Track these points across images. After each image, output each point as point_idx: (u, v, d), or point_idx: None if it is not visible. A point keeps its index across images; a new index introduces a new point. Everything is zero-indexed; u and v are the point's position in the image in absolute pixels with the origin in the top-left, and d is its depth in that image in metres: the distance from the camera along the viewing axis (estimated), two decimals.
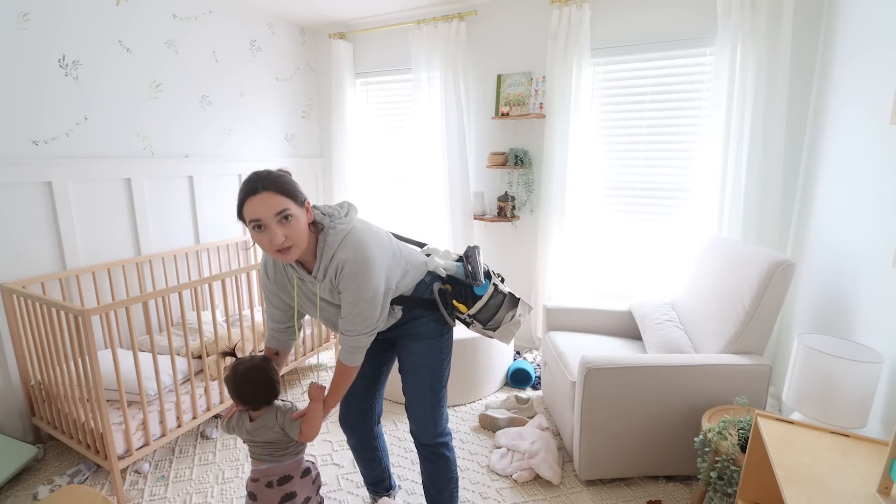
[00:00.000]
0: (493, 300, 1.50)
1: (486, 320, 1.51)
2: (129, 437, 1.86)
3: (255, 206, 1.15)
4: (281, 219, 1.16)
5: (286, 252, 1.19)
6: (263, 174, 1.19)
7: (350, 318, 1.30)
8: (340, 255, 1.25)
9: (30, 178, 2.13)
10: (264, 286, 1.44)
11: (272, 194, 1.16)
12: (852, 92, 1.86)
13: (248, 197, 1.16)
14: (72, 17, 2.25)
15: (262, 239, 1.18)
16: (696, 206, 2.54)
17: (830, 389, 1.34)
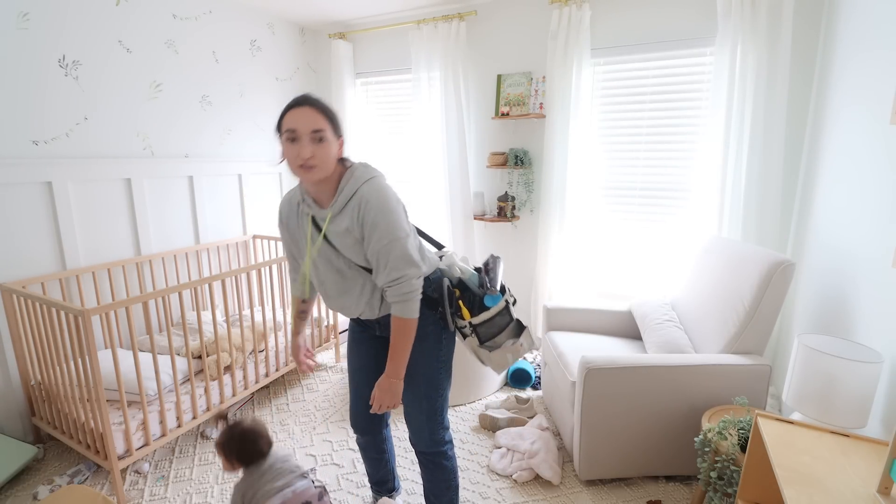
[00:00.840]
0: (499, 317, 1.43)
1: (485, 337, 1.43)
2: (129, 437, 1.86)
3: (295, 117, 1.18)
4: (315, 137, 1.18)
5: (309, 170, 1.19)
6: (312, 96, 1.22)
7: (394, 262, 1.24)
8: (364, 190, 1.24)
9: (30, 178, 2.13)
10: (281, 234, 1.47)
11: (314, 111, 1.19)
12: (852, 92, 1.86)
13: (291, 108, 1.19)
14: (72, 17, 2.25)
15: (291, 151, 1.19)
16: (696, 206, 2.54)
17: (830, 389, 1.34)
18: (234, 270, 2.25)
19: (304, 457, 2.16)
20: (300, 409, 2.55)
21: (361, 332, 1.55)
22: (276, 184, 3.51)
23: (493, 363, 1.47)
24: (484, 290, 1.42)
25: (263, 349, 2.54)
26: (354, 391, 1.60)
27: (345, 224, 1.26)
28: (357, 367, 1.57)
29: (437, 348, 1.43)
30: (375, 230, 1.23)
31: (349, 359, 1.59)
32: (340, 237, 1.28)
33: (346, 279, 1.34)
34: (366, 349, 1.55)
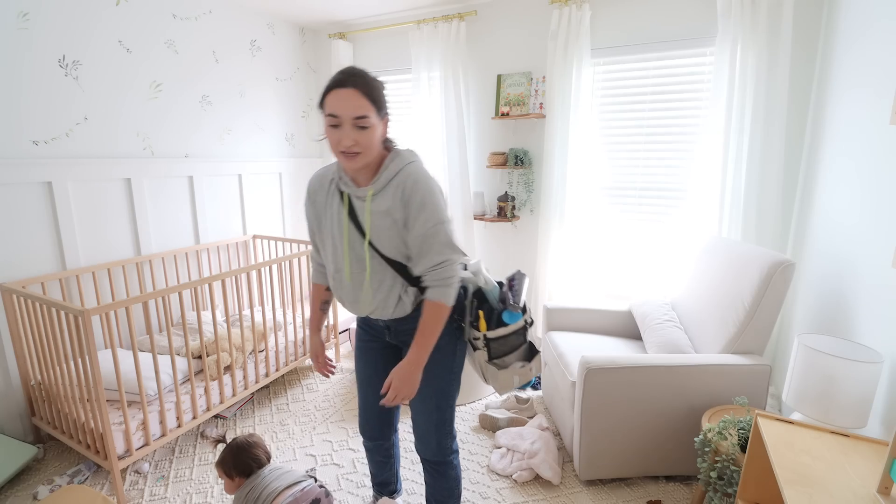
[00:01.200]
0: (514, 336, 1.37)
1: (496, 354, 1.37)
2: (129, 437, 1.86)
3: (338, 101, 1.11)
4: (358, 124, 1.12)
5: (352, 157, 1.15)
6: (358, 70, 1.14)
7: (438, 246, 1.20)
8: (410, 170, 1.21)
9: (30, 178, 2.13)
10: (306, 212, 1.40)
11: (358, 94, 1.12)
12: (852, 92, 1.86)
13: (333, 88, 1.12)
14: (72, 17, 2.25)
15: (332, 136, 1.15)
16: (696, 206, 2.53)
17: (830, 389, 1.34)
18: (234, 270, 2.25)
19: (304, 457, 2.16)
20: (300, 409, 2.55)
21: (369, 340, 1.50)
22: (276, 184, 3.51)
23: (497, 383, 1.39)
24: (504, 305, 1.36)
25: (263, 349, 2.54)
26: (363, 400, 1.56)
27: (386, 204, 1.21)
28: (365, 378, 1.53)
29: (450, 360, 1.39)
30: (423, 211, 1.18)
31: (357, 367, 1.55)
32: (378, 218, 1.22)
33: (365, 270, 1.28)
34: (373, 359, 1.50)
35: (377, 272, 1.27)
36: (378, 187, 1.21)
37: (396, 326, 1.38)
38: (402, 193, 1.20)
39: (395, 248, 1.25)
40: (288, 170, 3.59)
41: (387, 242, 1.24)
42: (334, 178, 1.31)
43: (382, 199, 1.22)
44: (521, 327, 1.38)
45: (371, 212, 1.23)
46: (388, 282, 1.27)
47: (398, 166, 1.22)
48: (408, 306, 1.30)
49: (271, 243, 3.36)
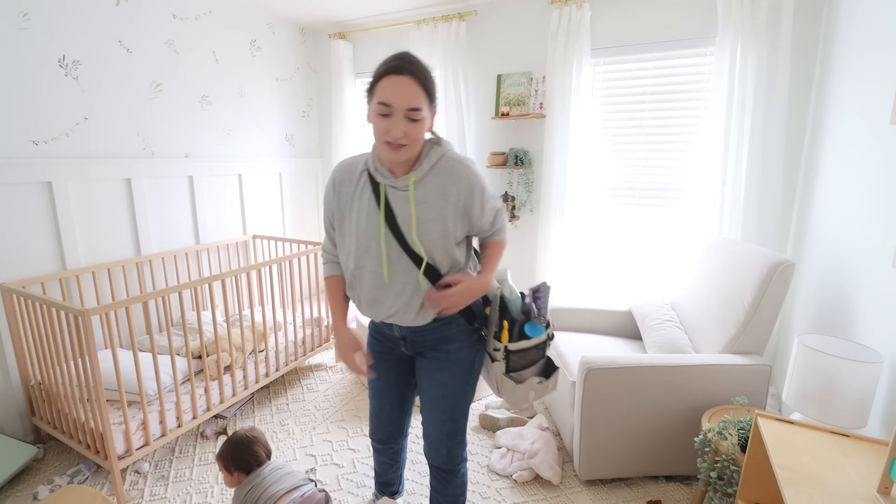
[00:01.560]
0: (535, 350, 1.31)
1: (514, 367, 1.30)
2: (129, 437, 1.86)
3: (392, 88, 1.05)
4: (410, 116, 1.07)
5: (398, 149, 1.10)
6: (413, 57, 1.08)
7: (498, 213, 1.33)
8: (455, 156, 1.20)
9: (30, 178, 2.13)
10: (326, 203, 1.31)
11: (414, 83, 1.06)
12: (852, 92, 1.86)
13: (389, 74, 1.06)
14: (72, 17, 2.25)
15: (381, 125, 1.08)
16: (696, 206, 2.53)
17: (830, 389, 1.34)
18: (234, 270, 2.25)
19: (304, 457, 2.16)
20: (300, 409, 2.55)
21: (382, 352, 1.44)
22: (276, 184, 3.51)
23: (513, 397, 1.33)
24: (527, 316, 1.29)
25: (263, 349, 2.54)
26: (376, 408, 1.53)
27: (437, 191, 1.17)
28: (377, 388, 1.49)
29: (468, 373, 1.35)
30: (483, 195, 1.23)
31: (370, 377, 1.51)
32: (425, 207, 1.17)
33: (392, 268, 1.22)
34: (386, 370, 1.46)
35: (403, 273, 1.22)
36: (420, 174, 1.16)
37: (413, 337, 1.33)
38: (457, 182, 1.17)
39: (437, 239, 1.19)
40: (288, 170, 3.59)
41: (430, 234, 1.18)
42: (365, 168, 1.23)
43: (428, 187, 1.17)
44: (542, 342, 1.32)
45: (416, 200, 1.17)
46: (412, 284, 1.22)
47: (439, 153, 1.18)
48: (429, 315, 1.25)
49: (271, 243, 3.36)
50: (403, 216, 1.19)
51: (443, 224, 1.19)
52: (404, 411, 1.54)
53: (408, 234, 1.19)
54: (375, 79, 1.09)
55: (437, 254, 1.21)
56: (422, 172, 1.17)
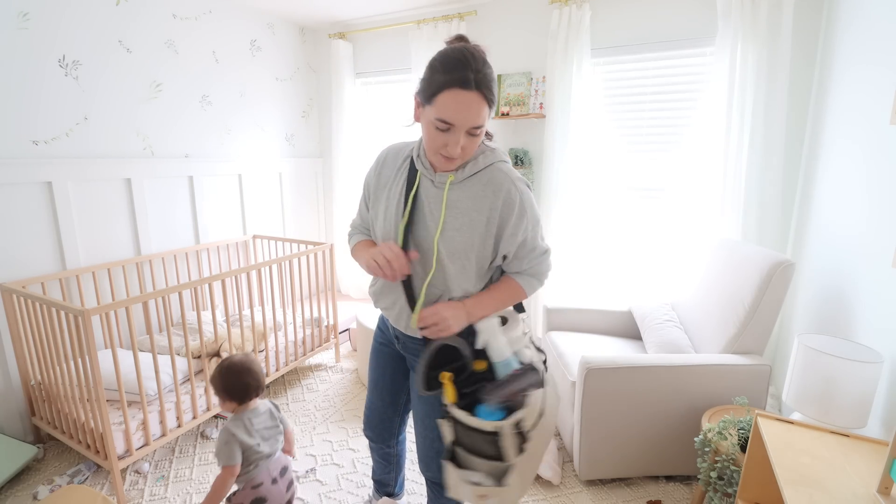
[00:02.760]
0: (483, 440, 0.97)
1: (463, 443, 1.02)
2: (129, 437, 1.86)
3: (457, 107, 0.94)
4: (471, 132, 0.99)
5: (451, 161, 1.03)
6: (479, 61, 0.97)
7: (540, 249, 1.14)
8: (504, 168, 1.09)
9: (30, 178, 2.13)
10: (367, 177, 1.23)
11: (482, 100, 0.96)
12: (852, 92, 1.86)
13: (455, 86, 0.94)
14: (72, 17, 2.25)
15: (437, 138, 0.99)
16: (696, 205, 2.53)
17: (830, 389, 1.34)
18: (234, 270, 2.25)
19: (305, 457, 2.16)
20: (300, 409, 2.56)
21: (383, 343, 1.42)
22: (276, 184, 3.51)
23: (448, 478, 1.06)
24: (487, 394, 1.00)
25: (263, 349, 2.54)
26: (369, 400, 1.52)
27: (473, 199, 1.06)
28: (373, 379, 1.47)
29: None
30: (524, 216, 1.08)
31: (369, 366, 1.49)
32: (459, 211, 1.07)
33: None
34: (383, 363, 1.43)
35: (415, 276, 1.15)
36: (460, 177, 1.07)
37: (406, 341, 1.29)
38: (502, 193, 1.06)
39: (459, 251, 1.09)
40: (288, 170, 3.59)
41: (453, 242, 1.08)
42: (410, 155, 1.17)
43: (465, 192, 1.08)
44: (490, 436, 0.96)
45: (448, 203, 1.07)
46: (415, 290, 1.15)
47: (488, 160, 1.08)
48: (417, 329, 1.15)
49: (271, 243, 3.36)
50: (433, 214, 1.09)
51: (470, 236, 1.08)
52: (396, 412, 1.50)
53: (429, 236, 1.10)
54: (437, 89, 0.97)
55: (453, 268, 1.09)
56: (463, 175, 1.07)
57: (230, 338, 2.27)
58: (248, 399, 1.47)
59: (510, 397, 0.97)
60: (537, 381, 1.01)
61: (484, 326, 1.07)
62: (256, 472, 1.44)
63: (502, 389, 0.98)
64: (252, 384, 1.47)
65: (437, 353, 1.07)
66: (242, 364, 1.47)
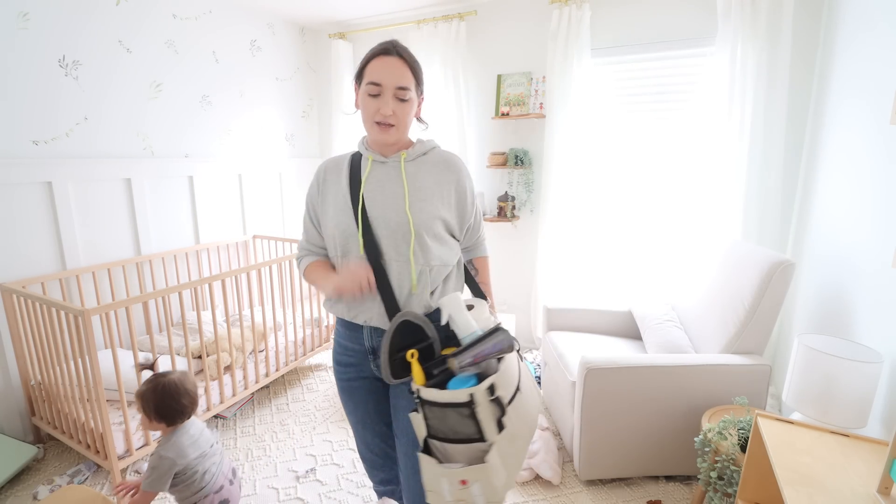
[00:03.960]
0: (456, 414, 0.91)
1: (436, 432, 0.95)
2: (129, 436, 1.86)
3: (383, 68, 1.09)
4: (399, 95, 1.10)
5: (387, 129, 1.12)
6: (401, 44, 1.13)
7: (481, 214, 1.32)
8: (444, 150, 1.23)
9: (30, 178, 2.13)
10: (309, 197, 1.26)
11: (402, 63, 1.10)
12: (852, 92, 1.86)
13: (378, 55, 1.10)
14: (72, 17, 2.25)
15: (370, 105, 1.11)
16: (696, 206, 2.53)
17: (830, 389, 1.34)
18: (234, 270, 2.25)
19: (305, 457, 2.16)
20: (300, 409, 2.55)
21: (351, 379, 1.27)
22: (276, 184, 3.51)
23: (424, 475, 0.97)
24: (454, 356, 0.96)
25: (263, 349, 2.54)
26: (363, 443, 1.37)
27: (431, 176, 1.16)
28: (358, 420, 1.33)
29: None
30: (473, 191, 1.24)
31: (346, 409, 1.34)
32: (420, 184, 1.15)
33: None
34: (362, 399, 1.29)
35: None
36: (411, 155, 1.18)
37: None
38: (450, 171, 1.18)
39: (429, 219, 1.13)
40: (288, 170, 3.59)
41: (422, 213, 1.13)
42: (348, 157, 1.24)
43: (420, 169, 1.17)
44: (464, 403, 0.90)
45: (408, 177, 1.15)
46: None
47: (430, 145, 1.22)
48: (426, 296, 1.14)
49: (271, 243, 3.36)
50: (393, 190, 1.14)
51: (435, 205, 1.15)
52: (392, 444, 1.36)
53: (394, 208, 1.12)
54: (364, 62, 1.12)
55: (427, 237, 1.13)
56: (414, 154, 1.19)
57: (230, 338, 2.27)
58: (181, 421, 1.41)
59: (480, 359, 0.97)
60: (508, 343, 1.00)
61: (446, 301, 1.06)
62: (213, 479, 1.42)
63: (471, 350, 0.97)
64: (189, 406, 1.41)
65: (399, 334, 1.04)
66: (180, 384, 1.40)
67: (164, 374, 1.42)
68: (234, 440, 2.28)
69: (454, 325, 1.04)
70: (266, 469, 2.08)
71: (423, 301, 1.14)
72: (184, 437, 1.40)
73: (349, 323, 1.22)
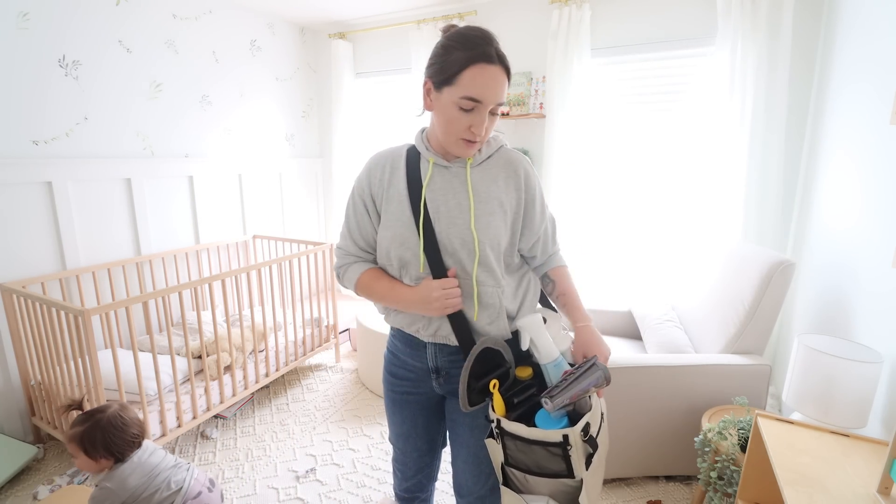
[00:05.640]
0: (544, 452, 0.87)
1: (517, 462, 0.91)
2: None
3: (486, 81, 0.89)
4: (495, 111, 0.94)
5: (472, 145, 0.97)
6: (495, 39, 0.92)
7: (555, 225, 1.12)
8: (512, 150, 1.07)
9: (30, 178, 2.13)
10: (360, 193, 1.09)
11: (505, 75, 0.92)
12: (852, 92, 1.86)
13: (479, 62, 0.88)
14: (72, 17, 2.25)
15: (461, 120, 0.92)
16: (696, 206, 2.53)
17: (830, 389, 1.34)
18: (234, 270, 2.25)
19: (305, 457, 2.16)
20: (300, 409, 2.55)
21: (406, 392, 1.18)
22: (276, 184, 3.51)
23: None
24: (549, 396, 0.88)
25: (263, 349, 2.54)
26: (402, 458, 1.29)
27: (495, 181, 1.01)
28: (402, 433, 1.24)
29: None
30: (544, 203, 1.07)
31: (391, 420, 1.25)
32: (484, 194, 1.01)
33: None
34: (412, 414, 1.20)
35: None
36: (478, 159, 1.02)
37: (449, 368, 1.08)
38: (518, 176, 1.02)
39: (495, 237, 1.01)
40: (288, 170, 3.59)
41: (489, 228, 1.00)
42: (403, 154, 1.08)
43: (484, 174, 1.02)
44: (556, 442, 0.85)
45: (473, 186, 1.00)
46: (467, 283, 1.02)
47: (496, 144, 1.05)
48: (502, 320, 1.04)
49: (271, 243, 3.36)
50: (459, 203, 1.00)
51: (502, 220, 1.01)
52: (434, 456, 1.31)
53: (456, 226, 0.99)
54: (459, 67, 0.90)
55: (493, 256, 1.01)
56: (480, 157, 1.02)
57: (230, 338, 2.27)
58: (131, 453, 1.32)
59: (577, 398, 0.87)
60: (604, 378, 0.89)
61: (527, 324, 0.96)
62: (187, 487, 1.37)
63: (568, 391, 0.87)
64: (140, 436, 1.33)
65: (478, 361, 0.95)
66: (124, 415, 1.31)
67: (100, 409, 1.32)
68: (234, 440, 2.28)
69: (535, 349, 0.97)
70: (266, 469, 2.08)
71: (493, 322, 1.03)
72: (126, 467, 1.31)
73: (410, 338, 1.12)
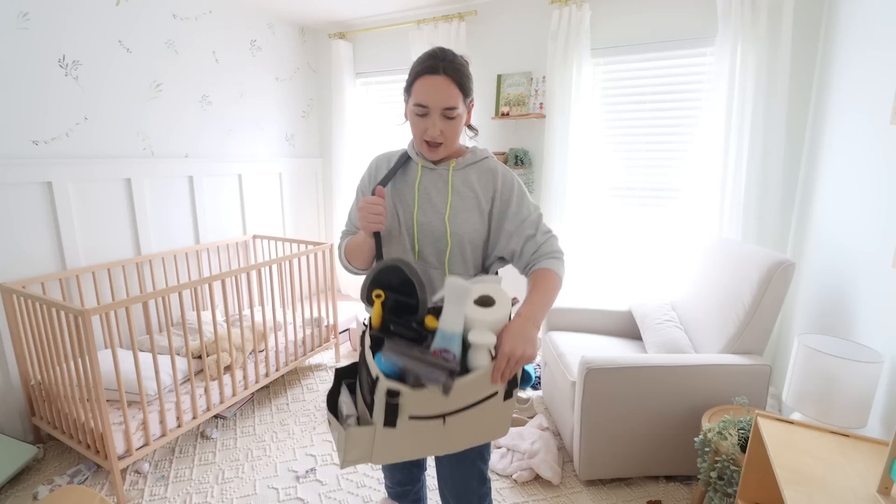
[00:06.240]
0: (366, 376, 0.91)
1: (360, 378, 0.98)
2: (129, 437, 1.86)
3: (428, 90, 1.05)
4: (446, 115, 1.07)
5: (435, 148, 1.11)
6: (449, 54, 1.08)
7: (543, 228, 1.16)
8: (496, 161, 1.19)
9: (30, 178, 2.13)
10: (361, 186, 1.27)
11: (449, 82, 1.06)
12: (852, 92, 1.86)
13: (424, 74, 1.06)
14: (72, 17, 2.25)
15: (418, 124, 1.10)
16: (696, 206, 2.53)
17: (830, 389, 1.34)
18: (234, 270, 2.25)
19: (305, 457, 2.16)
20: (300, 409, 2.55)
21: None
22: (276, 184, 3.51)
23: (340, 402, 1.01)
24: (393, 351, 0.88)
25: (263, 349, 2.54)
26: None
27: (476, 187, 1.15)
28: None
29: None
30: (523, 198, 1.16)
31: None
32: (464, 195, 1.14)
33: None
34: None
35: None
36: (461, 164, 1.16)
37: None
38: (496, 179, 1.15)
39: (470, 233, 1.14)
40: (288, 170, 3.59)
41: (465, 225, 1.14)
42: (404, 152, 1.22)
43: (467, 178, 1.16)
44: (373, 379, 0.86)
45: (453, 188, 1.15)
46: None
47: (482, 154, 1.19)
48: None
49: (271, 243, 3.36)
50: (440, 198, 1.15)
51: (479, 218, 1.15)
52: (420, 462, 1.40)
53: (437, 218, 1.14)
54: (412, 79, 1.09)
55: (468, 246, 1.15)
56: (464, 163, 1.17)
57: (230, 338, 2.27)
58: None
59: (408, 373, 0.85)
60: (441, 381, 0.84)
61: (450, 284, 0.89)
62: None
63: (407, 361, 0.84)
64: None
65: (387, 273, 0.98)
66: None
67: None
68: (234, 440, 2.28)
69: (443, 313, 0.90)
70: (266, 469, 2.08)
71: None
72: None
73: None
